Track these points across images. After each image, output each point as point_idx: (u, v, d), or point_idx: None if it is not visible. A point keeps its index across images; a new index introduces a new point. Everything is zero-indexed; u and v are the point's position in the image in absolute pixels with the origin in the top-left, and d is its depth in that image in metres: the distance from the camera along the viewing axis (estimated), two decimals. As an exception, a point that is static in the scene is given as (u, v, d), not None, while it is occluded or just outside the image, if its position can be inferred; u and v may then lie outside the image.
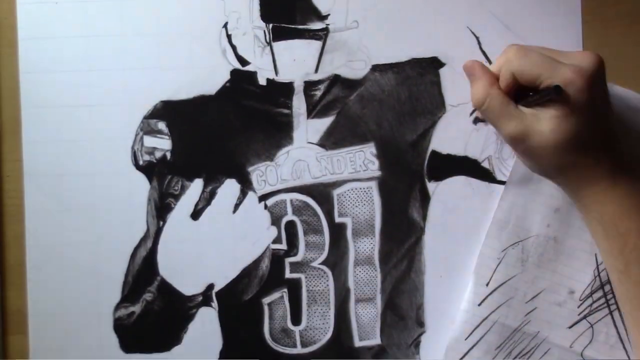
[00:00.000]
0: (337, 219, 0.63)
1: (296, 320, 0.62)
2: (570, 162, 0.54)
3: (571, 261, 0.61)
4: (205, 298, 0.62)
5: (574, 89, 0.51)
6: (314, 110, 0.63)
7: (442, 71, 0.63)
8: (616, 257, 0.53)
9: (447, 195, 0.63)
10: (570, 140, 0.52)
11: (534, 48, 0.55)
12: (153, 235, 0.62)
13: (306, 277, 0.63)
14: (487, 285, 0.61)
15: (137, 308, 0.62)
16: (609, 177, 0.53)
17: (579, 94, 0.51)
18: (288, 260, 0.63)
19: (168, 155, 0.63)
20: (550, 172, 0.57)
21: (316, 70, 0.62)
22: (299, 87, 0.62)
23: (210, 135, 0.63)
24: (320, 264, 0.63)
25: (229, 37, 0.62)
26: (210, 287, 0.62)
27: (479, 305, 0.61)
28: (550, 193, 0.61)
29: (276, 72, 0.63)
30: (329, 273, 0.63)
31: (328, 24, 0.62)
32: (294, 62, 0.62)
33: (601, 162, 0.53)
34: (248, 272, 0.62)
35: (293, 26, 0.62)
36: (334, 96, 0.63)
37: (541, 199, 0.61)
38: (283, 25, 0.62)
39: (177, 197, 0.62)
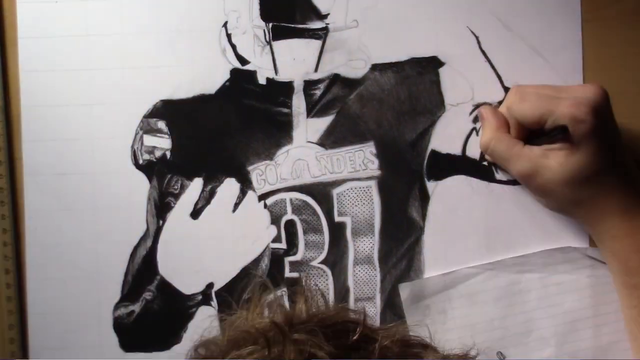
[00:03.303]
0: (337, 218, 0.63)
1: (296, 319, 0.62)
2: (582, 196, 0.54)
3: None
4: (205, 297, 0.62)
5: (575, 122, 0.52)
6: (314, 109, 0.63)
7: (442, 70, 0.62)
8: (630, 299, 0.53)
9: (446, 194, 0.62)
10: (579, 173, 0.52)
11: (532, 90, 0.56)
12: (153, 235, 0.62)
13: (306, 277, 0.63)
14: None
15: (136, 307, 0.62)
16: (620, 209, 0.53)
17: (581, 126, 0.52)
18: (288, 259, 0.63)
19: (168, 154, 0.63)
20: (565, 207, 0.57)
21: (316, 70, 0.62)
22: (298, 86, 0.62)
23: (210, 134, 0.63)
24: (319, 263, 0.63)
25: (228, 36, 0.63)
26: (210, 286, 0.62)
27: None
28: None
29: (276, 71, 0.63)
30: (329, 272, 0.63)
31: (328, 23, 0.62)
32: (293, 61, 0.62)
33: (612, 195, 0.53)
34: (248, 271, 0.62)
35: (293, 25, 0.62)
36: (333, 95, 0.63)
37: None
38: (283, 24, 0.62)
39: (176, 196, 0.62)
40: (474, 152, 0.62)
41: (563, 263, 0.61)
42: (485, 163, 0.62)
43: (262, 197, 0.63)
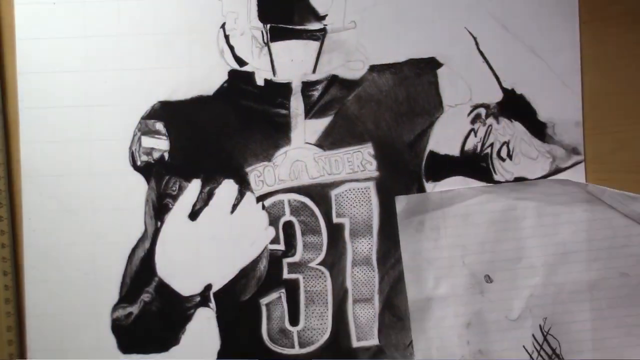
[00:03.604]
0: (335, 220, 0.63)
1: (294, 320, 0.62)
2: None
3: None
4: (203, 299, 0.62)
5: None
6: (312, 110, 0.63)
7: (440, 71, 0.63)
8: None
9: (445, 195, 0.63)
10: None
11: None
12: (151, 236, 0.62)
13: (304, 278, 0.63)
14: None
15: (134, 309, 0.62)
16: None
17: None
18: (286, 260, 0.63)
19: (166, 155, 0.63)
20: None
21: (314, 71, 0.62)
22: (296, 87, 0.62)
23: (208, 135, 0.63)
24: (318, 264, 0.63)
25: (226, 37, 0.63)
26: (208, 287, 0.62)
27: None
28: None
29: (274, 73, 0.63)
30: (327, 273, 0.63)
31: (326, 25, 0.62)
32: (291, 62, 0.62)
33: None
34: (246, 273, 0.62)
35: (291, 26, 0.62)
36: (331, 96, 0.63)
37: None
38: (281, 25, 0.62)
39: (175, 198, 0.62)
40: (472, 153, 0.62)
41: (561, 195, 0.61)
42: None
43: (261, 198, 0.63)
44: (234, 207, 0.63)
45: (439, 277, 0.61)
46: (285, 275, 0.63)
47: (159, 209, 0.62)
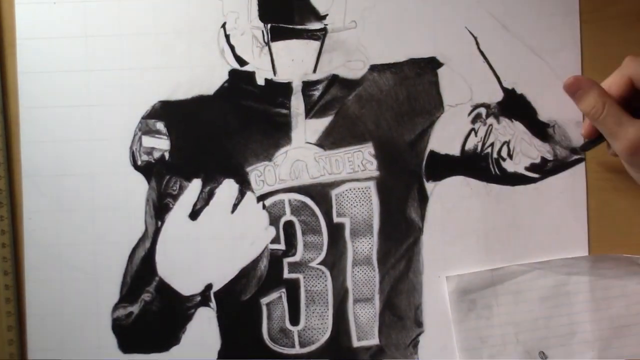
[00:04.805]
0: (336, 219, 0.63)
1: (294, 320, 0.62)
2: None
3: None
4: (203, 298, 0.62)
5: None
6: (313, 110, 0.63)
7: (440, 71, 0.63)
8: None
9: (445, 195, 0.63)
10: None
11: None
12: (151, 236, 0.62)
13: (304, 277, 0.63)
14: None
15: (135, 308, 0.62)
16: None
17: None
18: (286, 260, 0.63)
19: (166, 155, 0.63)
20: None
21: (314, 70, 0.63)
22: (297, 87, 0.62)
23: (209, 135, 0.63)
24: (318, 264, 0.63)
25: (227, 37, 0.63)
26: (209, 287, 0.62)
27: None
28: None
29: (274, 72, 0.63)
30: (328, 273, 0.63)
31: (326, 24, 0.62)
32: (292, 62, 0.62)
33: None
34: (246, 273, 0.62)
35: (291, 26, 0.62)
36: (332, 96, 0.63)
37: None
38: (281, 25, 0.62)
39: (175, 197, 0.62)
40: (472, 152, 0.62)
41: (612, 268, 0.61)
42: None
43: (261, 198, 0.63)
44: (235, 206, 0.63)
45: (493, 356, 0.61)
46: (286, 274, 0.63)
47: (159, 208, 0.62)
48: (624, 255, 0.61)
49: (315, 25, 0.62)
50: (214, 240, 0.62)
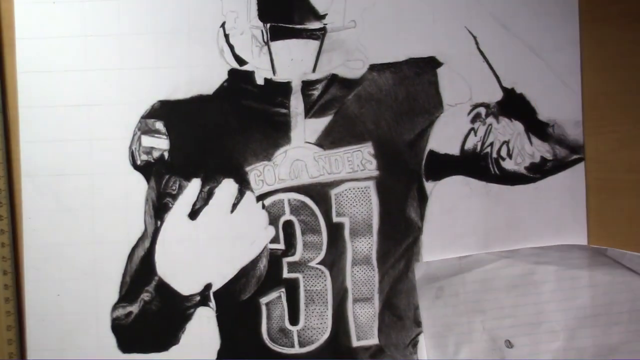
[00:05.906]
0: (335, 219, 0.63)
1: (294, 320, 0.62)
2: None
3: None
4: (203, 298, 0.62)
5: None
6: (312, 109, 0.63)
7: (440, 71, 0.63)
8: None
9: (444, 195, 0.62)
10: None
11: None
12: (151, 235, 0.62)
13: (304, 277, 0.63)
14: None
15: (134, 308, 0.62)
16: None
17: None
18: (286, 260, 0.63)
19: (166, 155, 0.63)
20: None
21: (314, 70, 0.62)
22: (296, 86, 0.62)
23: (208, 134, 0.63)
24: (318, 263, 0.63)
25: (226, 36, 0.63)
26: (208, 287, 0.62)
27: None
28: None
29: (274, 72, 0.63)
30: (327, 273, 0.63)
31: (326, 24, 0.62)
32: (291, 61, 0.62)
33: None
34: (246, 272, 0.62)
35: (291, 26, 0.62)
36: (331, 96, 0.63)
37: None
38: (281, 24, 0.62)
39: (174, 197, 0.62)
40: (472, 152, 0.62)
41: (580, 258, 0.61)
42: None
43: (260, 197, 0.63)
44: (234, 206, 0.63)
45: (459, 343, 0.61)
46: (285, 274, 0.62)
47: (158, 208, 0.62)
48: (592, 246, 0.61)
49: (315, 25, 0.62)
50: (213, 239, 0.62)
